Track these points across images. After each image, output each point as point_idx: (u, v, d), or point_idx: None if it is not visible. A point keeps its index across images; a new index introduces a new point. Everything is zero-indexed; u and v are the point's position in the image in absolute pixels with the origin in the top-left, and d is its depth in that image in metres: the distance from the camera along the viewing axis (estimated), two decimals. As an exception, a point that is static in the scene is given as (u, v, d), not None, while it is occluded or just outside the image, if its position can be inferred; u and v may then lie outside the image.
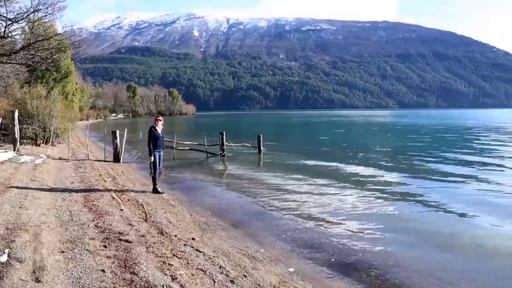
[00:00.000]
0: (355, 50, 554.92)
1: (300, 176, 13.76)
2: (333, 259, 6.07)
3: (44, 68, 23.77)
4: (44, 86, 27.69)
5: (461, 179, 12.95)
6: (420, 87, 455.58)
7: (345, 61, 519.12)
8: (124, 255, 5.00)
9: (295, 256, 6.21)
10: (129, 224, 6.51)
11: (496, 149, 22.29)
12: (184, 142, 21.65)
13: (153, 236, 5.96)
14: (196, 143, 21.27)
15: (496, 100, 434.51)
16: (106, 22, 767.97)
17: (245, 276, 4.84)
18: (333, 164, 16.74)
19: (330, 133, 42.85)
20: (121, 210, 7.43)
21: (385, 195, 10.62)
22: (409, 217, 8.43)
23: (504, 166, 15.70)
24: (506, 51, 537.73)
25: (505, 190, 11.08)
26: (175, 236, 6.14)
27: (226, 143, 20.48)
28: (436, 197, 10.20)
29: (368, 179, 13.21)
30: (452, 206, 9.30)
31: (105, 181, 10.81)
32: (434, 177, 13.31)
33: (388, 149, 23.39)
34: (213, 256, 5.41)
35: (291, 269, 5.56)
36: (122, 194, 9.13)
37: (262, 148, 21.15)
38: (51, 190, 9.02)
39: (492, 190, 11.08)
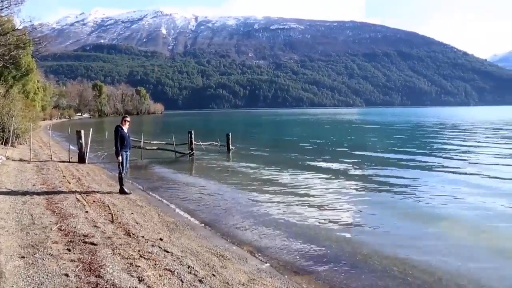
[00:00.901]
0: (323, 49, 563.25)
1: (270, 174, 13.83)
2: (302, 254, 6.14)
3: (1, 65, 22.74)
4: (2, 84, 26.52)
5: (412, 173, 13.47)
6: (386, 86, 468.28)
7: (313, 60, 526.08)
8: (89, 258, 4.86)
9: (264, 253, 6.24)
10: (95, 226, 6.34)
11: (445, 146, 23.25)
12: (152, 142, 21.34)
13: (119, 238, 5.84)
14: (164, 143, 20.98)
15: (456, 99, 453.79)
16: (70, 18, 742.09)
17: (214, 275, 4.82)
18: (301, 161, 16.95)
19: (298, 131, 43.36)
20: (86, 212, 7.22)
21: (354, 189, 10.88)
22: (376, 207, 8.68)
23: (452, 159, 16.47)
24: (465, 52, 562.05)
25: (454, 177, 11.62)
26: (143, 237, 6.03)
27: (195, 142, 20.36)
28: (398, 186, 10.57)
29: (335, 175, 13.44)
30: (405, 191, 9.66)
31: (69, 182, 10.47)
32: (391, 168, 13.81)
33: (351, 146, 23.92)
34: (181, 256, 5.36)
35: (260, 266, 5.59)
36: (87, 195, 8.87)
37: (231, 147, 21.13)
38: (10, 193, 8.62)
39: (443, 177, 11.61)
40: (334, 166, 15.64)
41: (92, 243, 5.44)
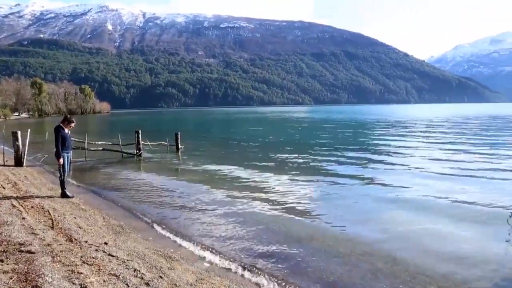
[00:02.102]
0: (273, 48, 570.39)
1: (219, 173, 13.79)
2: (251, 251, 6.20)
3: None
4: None
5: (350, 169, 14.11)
6: (333, 85, 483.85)
7: (263, 58, 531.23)
8: (26, 267, 4.55)
9: (214, 251, 6.24)
10: (33, 233, 5.98)
11: (383, 141, 24.53)
12: (96, 142, 20.49)
13: (60, 244, 5.56)
14: (110, 143, 20.31)
15: (398, 97, 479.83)
16: (3, 9, 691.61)
17: (161, 277, 4.73)
18: (250, 160, 17.01)
19: (247, 130, 43.59)
20: (23, 218, 6.80)
21: (300, 183, 11.05)
22: (321, 201, 8.87)
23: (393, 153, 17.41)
24: (406, 53, 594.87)
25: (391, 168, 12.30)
26: (86, 242, 5.79)
27: (143, 142, 19.90)
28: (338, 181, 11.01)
29: (281, 170, 13.63)
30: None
31: (3, 187, 9.79)
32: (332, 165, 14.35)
33: (297, 142, 24.48)
34: (127, 260, 5.20)
35: (209, 265, 5.60)
36: (24, 201, 8.33)
37: (180, 146, 20.87)
38: None
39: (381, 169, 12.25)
40: (280, 161, 15.92)
41: (29, 252, 5.12)
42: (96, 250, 5.45)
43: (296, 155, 17.98)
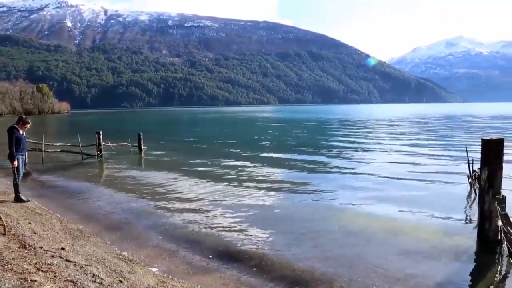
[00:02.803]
0: (238, 48, 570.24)
1: (182, 174, 13.69)
2: (210, 254, 6.18)
3: None
4: None
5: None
6: (298, 85, 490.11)
7: (228, 58, 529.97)
8: (-28, 277, 4.32)
9: (173, 254, 6.18)
10: (-19, 240, 5.70)
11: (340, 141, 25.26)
12: (55, 144, 19.77)
13: (12, 252, 5.30)
14: (69, 144, 19.68)
15: (361, 97, 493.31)
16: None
17: (121, 282, 4.64)
18: (213, 160, 17.00)
19: (211, 129, 43.55)
20: (-28, 225, 6.46)
21: (260, 188, 11.12)
22: (279, 206, 9.03)
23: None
24: (367, 54, 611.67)
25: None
26: (41, 248, 5.56)
27: (104, 143, 19.43)
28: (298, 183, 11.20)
29: (244, 173, 13.72)
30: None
31: (-49, 192, 9.27)
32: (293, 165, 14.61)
33: (257, 143, 24.72)
34: (86, 265, 5.05)
35: (169, 268, 5.55)
36: (-26, 206, 7.93)
37: (143, 147, 20.52)
38: None
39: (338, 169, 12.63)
40: (242, 164, 15.97)
41: (-23, 260, 4.87)
42: (52, 256, 5.25)
43: (259, 157, 18.09)
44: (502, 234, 6.07)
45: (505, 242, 5.90)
